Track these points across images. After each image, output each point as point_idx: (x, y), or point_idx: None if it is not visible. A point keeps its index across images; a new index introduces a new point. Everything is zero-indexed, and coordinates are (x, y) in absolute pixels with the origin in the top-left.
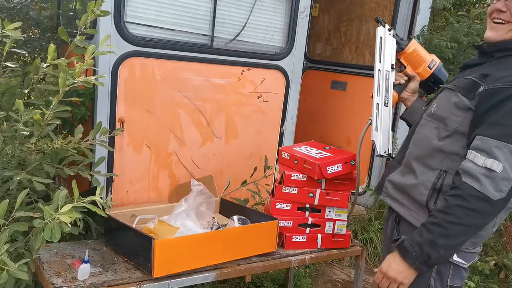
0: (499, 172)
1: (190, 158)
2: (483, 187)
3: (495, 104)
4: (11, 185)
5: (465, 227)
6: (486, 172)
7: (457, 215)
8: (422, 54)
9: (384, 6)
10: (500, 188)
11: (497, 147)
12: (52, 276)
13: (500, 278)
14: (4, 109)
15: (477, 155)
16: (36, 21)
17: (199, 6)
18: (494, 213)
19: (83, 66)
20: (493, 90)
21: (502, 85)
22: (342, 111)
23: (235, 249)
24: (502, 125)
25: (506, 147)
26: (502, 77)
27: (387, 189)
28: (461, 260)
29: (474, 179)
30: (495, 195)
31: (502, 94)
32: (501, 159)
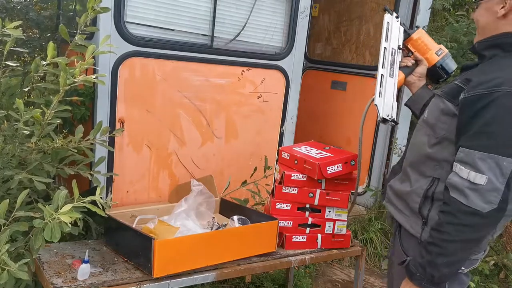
0: (484, 185)
1: (190, 158)
2: (470, 201)
3: (476, 113)
4: (11, 184)
5: (461, 243)
6: (471, 186)
7: (449, 232)
8: (429, 42)
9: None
10: (488, 200)
11: (480, 158)
12: (52, 276)
13: (500, 278)
14: (5, 109)
15: (461, 168)
16: (36, 21)
17: (199, 6)
18: (490, 225)
19: (84, 65)
20: (473, 98)
21: (481, 92)
22: (342, 111)
23: (235, 249)
24: (484, 135)
25: (490, 158)
26: (482, 82)
27: (389, 195)
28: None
29: (460, 193)
30: (485, 207)
31: (482, 101)
32: (484, 171)
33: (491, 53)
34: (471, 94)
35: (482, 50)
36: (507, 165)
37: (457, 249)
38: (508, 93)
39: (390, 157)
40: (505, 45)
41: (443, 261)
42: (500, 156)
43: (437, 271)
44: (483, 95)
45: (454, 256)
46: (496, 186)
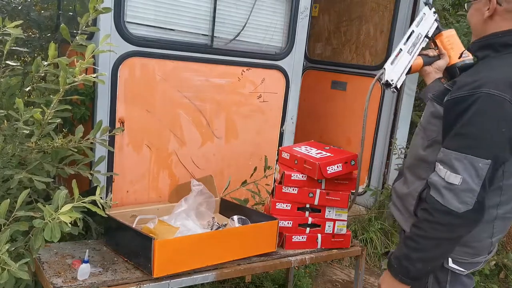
0: (459, 185)
1: (190, 158)
2: (445, 200)
3: (457, 115)
4: (11, 184)
5: (435, 241)
6: (447, 185)
7: (425, 229)
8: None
9: (384, 6)
10: (463, 200)
11: (456, 159)
12: (52, 276)
13: (500, 278)
14: (5, 108)
15: (440, 168)
16: (36, 21)
17: (199, 6)
18: (465, 225)
19: (83, 64)
20: (454, 100)
21: (463, 94)
22: (342, 111)
23: (235, 249)
24: (461, 136)
25: (465, 159)
26: (464, 85)
27: (393, 197)
28: (458, 267)
29: (437, 192)
30: (460, 208)
31: (462, 104)
32: (460, 171)
33: (483, 54)
34: (454, 96)
35: (475, 51)
36: (482, 166)
37: (431, 246)
38: (486, 95)
39: (390, 157)
40: (495, 45)
41: (417, 256)
42: (475, 157)
43: (412, 265)
44: (464, 97)
45: (428, 253)
46: (471, 187)
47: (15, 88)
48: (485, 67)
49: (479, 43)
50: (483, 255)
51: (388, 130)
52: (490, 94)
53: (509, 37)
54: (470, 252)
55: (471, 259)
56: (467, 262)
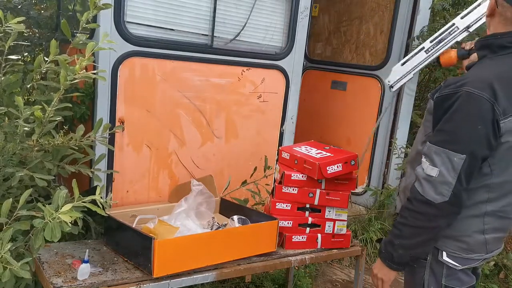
0: (436, 177)
1: (190, 158)
2: (424, 190)
3: (443, 112)
4: (12, 181)
5: (415, 229)
6: (426, 177)
7: (406, 217)
8: None
9: (384, 6)
10: (440, 191)
11: (435, 152)
12: (52, 276)
13: (500, 278)
14: (5, 106)
15: (423, 160)
16: (37, 21)
17: (199, 6)
18: (442, 216)
19: (84, 61)
20: (441, 97)
21: (448, 92)
22: (342, 111)
23: (235, 249)
24: (441, 131)
25: (444, 153)
26: (452, 83)
27: (399, 190)
28: (452, 261)
29: (419, 183)
30: (436, 198)
31: (447, 101)
32: (438, 164)
33: (481, 54)
34: (441, 94)
35: (477, 49)
36: (458, 160)
37: (410, 233)
38: (466, 93)
39: (390, 157)
40: (492, 46)
41: (398, 242)
42: (452, 151)
43: (395, 251)
44: (449, 94)
45: (408, 240)
46: (447, 180)
47: (16, 86)
48: (478, 67)
49: (481, 41)
50: (479, 253)
51: (388, 130)
52: (469, 92)
53: (506, 39)
54: (463, 247)
55: (465, 254)
56: (461, 257)
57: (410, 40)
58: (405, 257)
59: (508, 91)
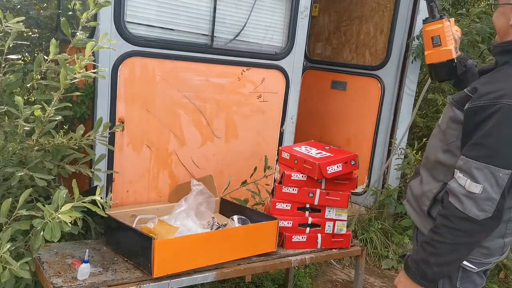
0: (479, 193)
1: (190, 158)
2: (465, 207)
3: (477, 124)
4: (12, 181)
5: (453, 246)
6: (467, 193)
7: (443, 234)
8: None
9: (384, 6)
10: (483, 208)
11: (477, 168)
12: (52, 276)
13: (500, 278)
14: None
15: (460, 176)
16: (36, 21)
17: (199, 6)
18: (483, 231)
19: (83, 60)
20: (475, 109)
21: (483, 103)
22: (342, 111)
23: (235, 249)
24: (482, 146)
25: (486, 168)
26: (486, 93)
27: (408, 195)
28: (469, 264)
29: (457, 199)
30: (479, 215)
31: (483, 113)
32: (480, 180)
33: (503, 59)
34: (475, 105)
35: (496, 54)
36: (503, 176)
37: (448, 251)
38: (507, 106)
39: (390, 157)
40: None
41: (434, 260)
42: (496, 167)
43: (429, 269)
44: (485, 106)
45: (445, 257)
46: (491, 196)
47: (16, 85)
48: (504, 75)
49: (502, 47)
50: (496, 256)
51: (388, 130)
52: (511, 105)
53: None
54: (484, 252)
55: (484, 259)
56: (480, 262)
57: (410, 40)
58: (440, 274)
59: None
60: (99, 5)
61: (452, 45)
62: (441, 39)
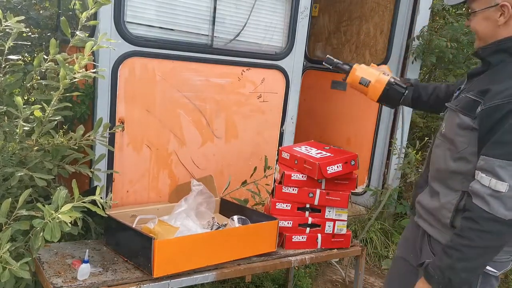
0: (506, 192)
1: (190, 158)
2: (492, 208)
3: (495, 123)
4: (12, 181)
5: (481, 249)
6: (492, 193)
7: (470, 238)
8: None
9: (384, 6)
10: (511, 207)
11: (500, 166)
12: (52, 276)
13: (500, 278)
14: (5, 106)
15: (482, 176)
16: (36, 21)
17: (199, 6)
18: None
19: (83, 60)
20: (491, 109)
21: (499, 102)
22: (342, 111)
23: (235, 249)
24: (503, 143)
25: (510, 165)
26: (499, 92)
27: (419, 211)
28: (492, 269)
29: (482, 200)
30: (506, 215)
31: (500, 111)
32: (505, 179)
33: (498, 59)
34: (489, 106)
35: (488, 56)
36: None
37: (477, 254)
38: None
39: (390, 157)
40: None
41: (462, 266)
42: None
43: (456, 275)
44: (500, 105)
45: (474, 262)
46: None
47: (16, 86)
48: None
49: (491, 48)
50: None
51: (388, 130)
52: None
53: None
54: (508, 250)
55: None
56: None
57: (410, 40)
58: (466, 280)
59: None
60: (98, 3)
61: (378, 73)
62: (366, 77)
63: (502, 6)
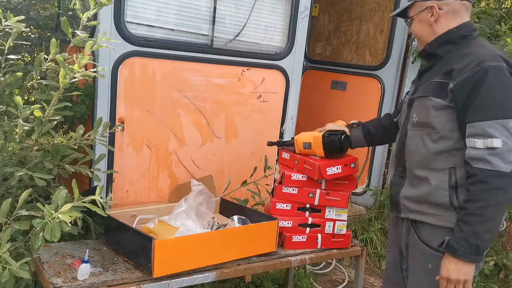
0: (501, 147)
1: (190, 158)
2: (494, 165)
3: (470, 91)
4: (12, 181)
5: (496, 207)
6: (490, 152)
7: (483, 199)
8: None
9: (384, 6)
10: (508, 160)
11: (489, 126)
12: (52, 276)
13: (500, 278)
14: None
15: (475, 140)
16: (36, 21)
17: (199, 6)
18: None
19: (83, 59)
20: (463, 81)
21: (468, 74)
22: (342, 111)
23: (235, 249)
24: (485, 106)
25: (496, 123)
26: (463, 68)
27: (406, 206)
28: None
29: (483, 161)
30: (507, 168)
31: (471, 81)
32: (497, 135)
33: (444, 50)
34: (460, 79)
35: (435, 49)
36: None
37: (494, 212)
38: (492, 67)
39: (390, 157)
40: (453, 39)
41: (483, 228)
42: (504, 119)
43: (481, 239)
44: (471, 75)
45: (492, 221)
46: (511, 146)
47: (16, 86)
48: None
49: (438, 41)
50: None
51: None
52: (494, 66)
53: (463, 29)
54: None
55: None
56: None
57: (410, 40)
58: (489, 241)
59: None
60: (99, 4)
61: (314, 133)
62: (306, 141)
63: (431, 7)
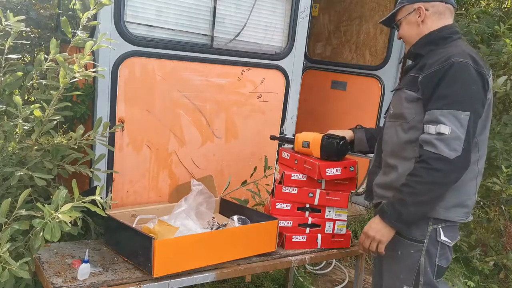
0: (449, 134)
1: (190, 158)
2: (438, 148)
3: (436, 84)
4: (12, 181)
5: (429, 184)
6: (438, 137)
7: (420, 174)
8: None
9: (384, 6)
10: (454, 147)
11: (442, 115)
12: (52, 276)
13: (500, 278)
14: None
15: (429, 126)
16: (36, 21)
17: (199, 6)
18: (456, 171)
19: (83, 59)
20: (430, 74)
21: (436, 67)
22: (342, 111)
23: (235, 249)
24: (443, 96)
25: (449, 113)
26: (433, 62)
27: (377, 192)
28: (447, 240)
29: (430, 145)
30: (451, 154)
31: (437, 75)
32: (447, 123)
33: (426, 49)
34: (428, 72)
35: (419, 49)
36: (464, 117)
37: (425, 190)
38: (457, 62)
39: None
40: (435, 40)
41: (411, 200)
42: (457, 110)
43: (405, 208)
44: (437, 69)
45: (422, 197)
46: (458, 135)
47: (16, 85)
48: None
49: (421, 42)
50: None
51: None
52: (459, 61)
53: (444, 31)
54: (466, 211)
55: (466, 218)
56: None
57: None
58: (414, 214)
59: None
60: (99, 4)
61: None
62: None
63: (418, 9)
